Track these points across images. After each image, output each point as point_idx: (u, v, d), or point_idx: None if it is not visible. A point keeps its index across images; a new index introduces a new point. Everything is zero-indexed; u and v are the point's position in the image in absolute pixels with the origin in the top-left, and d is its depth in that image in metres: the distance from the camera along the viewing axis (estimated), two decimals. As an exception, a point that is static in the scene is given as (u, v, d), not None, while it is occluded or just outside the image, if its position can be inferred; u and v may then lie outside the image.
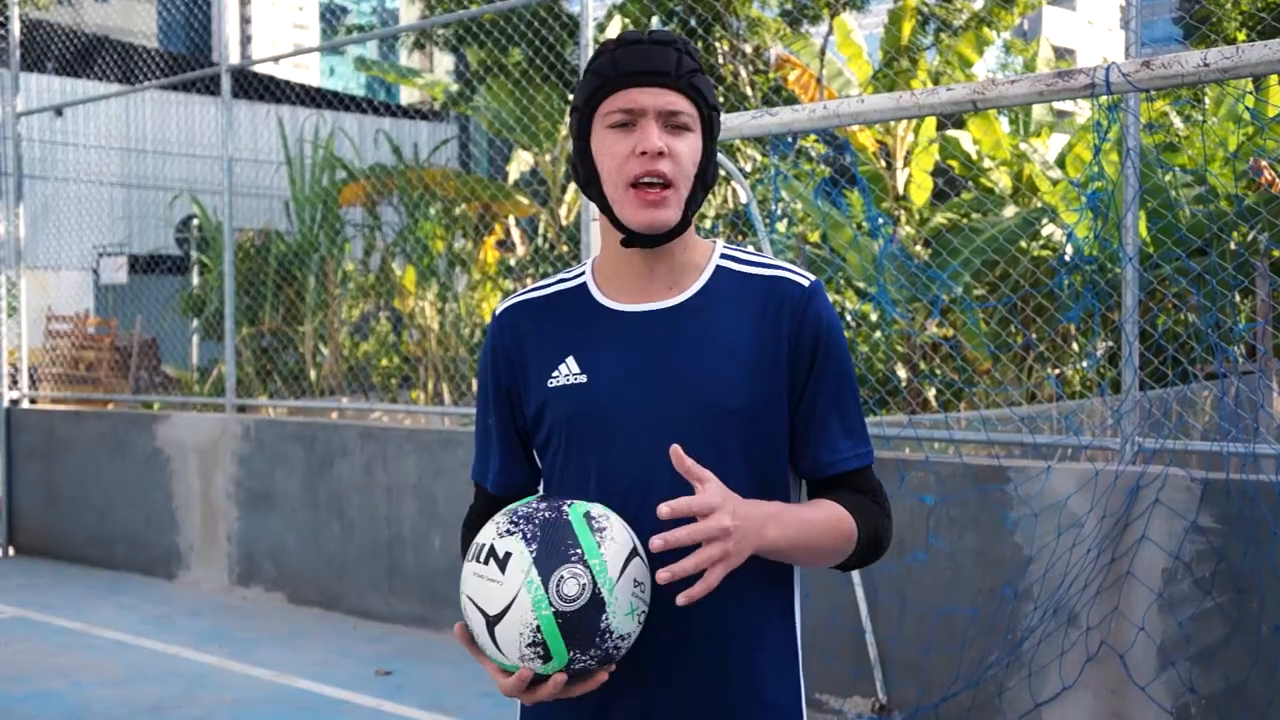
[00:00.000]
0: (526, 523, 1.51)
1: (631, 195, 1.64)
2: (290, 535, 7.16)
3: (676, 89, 1.65)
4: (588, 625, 1.48)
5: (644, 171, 1.63)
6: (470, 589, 1.53)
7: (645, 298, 1.72)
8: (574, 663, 1.49)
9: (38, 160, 12.21)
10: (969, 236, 8.00)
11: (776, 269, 1.74)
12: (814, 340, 1.70)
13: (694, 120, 1.67)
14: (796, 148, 10.22)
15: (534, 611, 1.47)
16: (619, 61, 1.65)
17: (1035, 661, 4.35)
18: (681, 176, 1.65)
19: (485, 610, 1.51)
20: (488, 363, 1.81)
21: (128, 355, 11.35)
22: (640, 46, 1.66)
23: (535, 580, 1.47)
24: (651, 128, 1.64)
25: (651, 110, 1.64)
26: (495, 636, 1.50)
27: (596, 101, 1.67)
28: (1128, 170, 4.30)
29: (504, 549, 1.50)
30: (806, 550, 1.64)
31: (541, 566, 1.47)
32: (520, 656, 1.49)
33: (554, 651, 1.48)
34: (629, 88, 1.64)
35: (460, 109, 13.33)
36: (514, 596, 1.47)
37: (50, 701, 5.32)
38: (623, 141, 1.65)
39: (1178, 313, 6.58)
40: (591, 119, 1.69)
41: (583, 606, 1.47)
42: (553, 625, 1.47)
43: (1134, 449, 4.31)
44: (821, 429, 1.72)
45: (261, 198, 12.22)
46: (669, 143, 1.64)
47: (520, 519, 1.52)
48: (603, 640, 1.49)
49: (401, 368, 10.80)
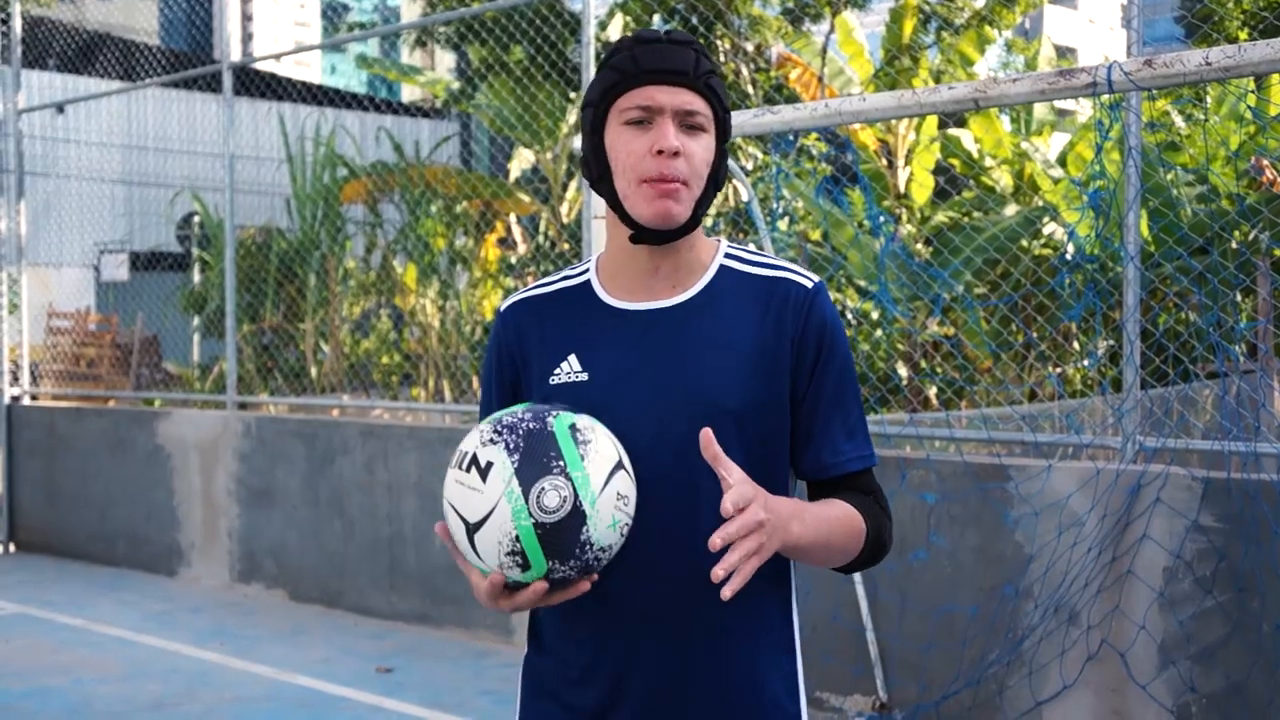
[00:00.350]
0: (510, 433, 1.51)
1: (644, 189, 1.64)
2: (291, 532, 7.16)
3: (694, 89, 1.65)
4: (568, 537, 1.47)
5: (659, 172, 1.63)
6: (451, 495, 1.53)
7: (648, 296, 1.72)
8: (553, 572, 1.49)
9: (39, 157, 12.22)
10: (970, 235, 8.00)
11: (780, 269, 1.74)
12: (817, 341, 1.71)
13: (709, 121, 1.67)
14: (798, 146, 10.22)
15: (513, 521, 1.47)
16: (639, 59, 1.65)
17: (1036, 660, 4.36)
18: (694, 176, 1.66)
19: (466, 518, 1.50)
20: (492, 360, 1.81)
21: (129, 352, 11.35)
22: (659, 45, 1.66)
23: (515, 491, 1.47)
24: (668, 126, 1.64)
25: (669, 109, 1.64)
26: (475, 543, 1.50)
27: (613, 97, 1.67)
28: (1129, 169, 4.29)
29: (486, 458, 1.50)
30: (823, 548, 1.64)
31: (522, 477, 1.47)
32: (499, 564, 1.49)
33: (533, 561, 1.48)
34: (647, 85, 1.65)
35: (462, 107, 13.33)
36: (494, 506, 1.47)
37: (51, 698, 5.33)
38: (639, 139, 1.65)
39: (1179, 311, 6.58)
40: (607, 114, 1.69)
41: (563, 518, 1.47)
42: (532, 536, 1.46)
43: (1135, 448, 4.31)
44: (824, 430, 1.72)
45: (263, 195, 12.22)
46: (684, 142, 1.64)
47: (504, 428, 1.52)
48: (583, 551, 1.49)
49: (402, 365, 10.80)
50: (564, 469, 1.48)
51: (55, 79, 15.25)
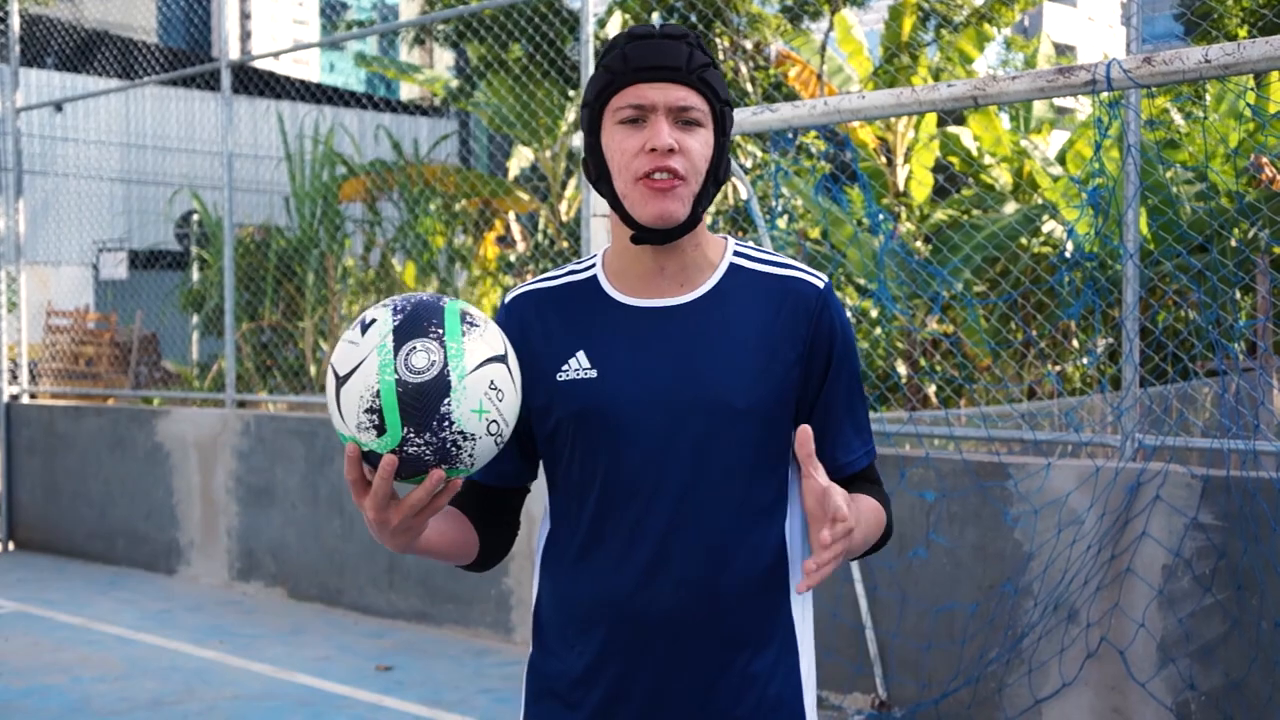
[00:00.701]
0: (405, 301, 1.49)
1: (641, 188, 1.63)
2: (290, 531, 7.16)
3: (687, 84, 1.63)
4: (427, 403, 1.42)
5: (654, 168, 1.61)
6: (333, 355, 1.49)
7: (657, 293, 1.71)
8: (406, 444, 1.43)
9: (38, 155, 12.21)
10: (969, 233, 8.00)
11: (789, 268, 1.73)
12: (829, 343, 1.71)
13: (705, 116, 1.65)
14: (797, 144, 10.21)
15: (378, 375, 1.42)
16: (629, 57, 1.64)
17: (1035, 658, 4.36)
18: (692, 172, 1.64)
19: (338, 371, 1.46)
20: None
21: (128, 350, 11.35)
22: (651, 41, 1.64)
23: (388, 345, 1.44)
24: (662, 124, 1.62)
25: (662, 106, 1.62)
26: (340, 400, 1.46)
27: (607, 97, 1.66)
28: (1128, 167, 4.29)
29: (372, 315, 1.48)
30: (863, 545, 1.68)
31: (398, 335, 1.44)
32: (357, 424, 1.44)
33: (389, 423, 1.42)
34: (639, 83, 1.63)
35: (460, 105, 13.32)
36: (364, 358, 1.44)
37: (50, 696, 5.33)
38: (633, 138, 1.63)
39: (1178, 309, 6.58)
40: (602, 114, 1.67)
41: (426, 382, 1.42)
42: (392, 393, 1.42)
43: (1134, 446, 4.31)
44: (838, 430, 1.73)
45: (261, 193, 12.22)
46: (679, 139, 1.62)
47: (401, 299, 1.50)
48: (440, 427, 1.43)
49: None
50: (441, 336, 1.45)
51: (53, 77, 15.24)
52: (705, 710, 1.67)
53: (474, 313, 1.51)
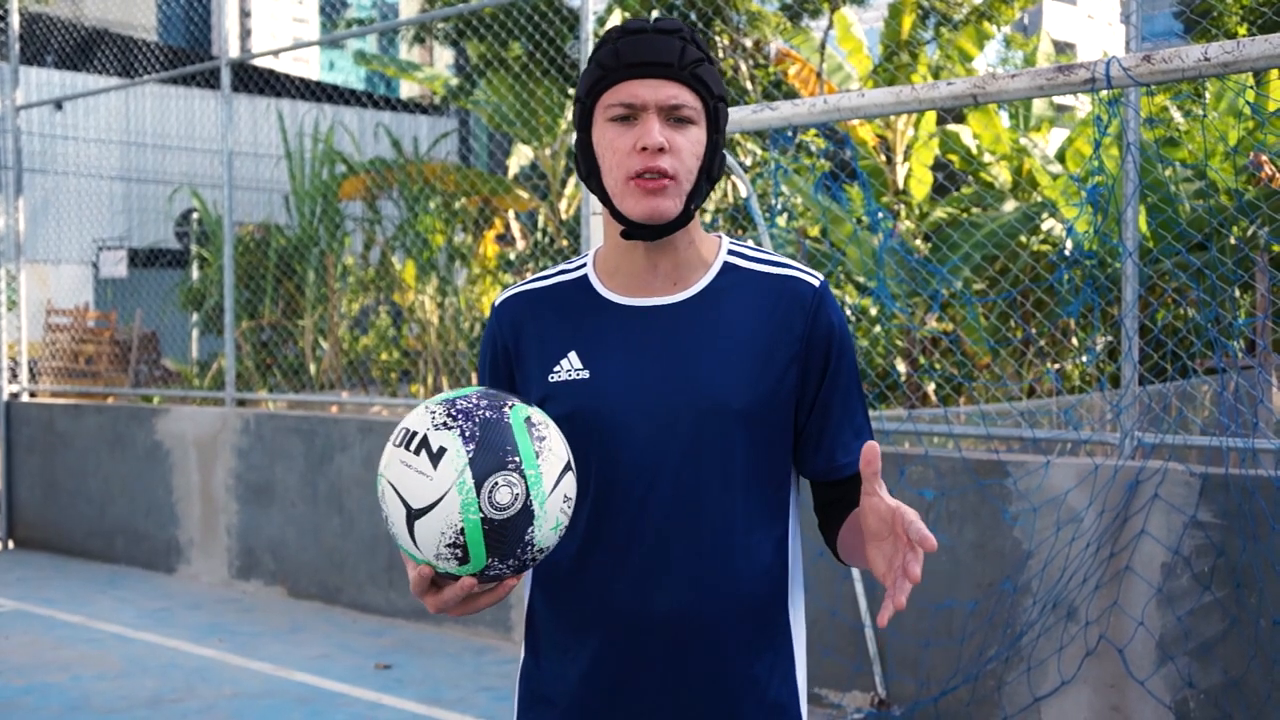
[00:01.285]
0: (466, 419, 1.44)
1: (631, 186, 1.61)
2: (290, 529, 7.16)
3: (679, 80, 1.61)
4: (513, 535, 1.42)
5: (644, 168, 1.59)
6: (395, 476, 1.45)
7: (649, 292, 1.69)
8: (489, 569, 1.44)
9: (37, 154, 12.21)
10: (969, 231, 8.00)
11: (785, 267, 1.71)
12: (826, 343, 1.69)
13: (697, 113, 1.63)
14: (796, 142, 10.21)
15: (461, 514, 1.40)
16: (621, 52, 1.61)
17: (1034, 656, 4.36)
18: (683, 170, 1.62)
19: (409, 502, 1.43)
20: (486, 355, 1.77)
21: (127, 349, 11.35)
22: (643, 36, 1.62)
23: (469, 483, 1.40)
24: (652, 122, 1.60)
25: (652, 104, 1.60)
26: (414, 531, 1.43)
27: (598, 93, 1.64)
28: (1128, 165, 4.29)
29: (439, 443, 1.43)
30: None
31: (477, 469, 1.41)
32: (436, 554, 1.43)
33: (473, 556, 1.43)
34: (630, 80, 1.60)
35: (460, 103, 13.31)
36: (442, 495, 1.41)
37: (50, 694, 5.33)
38: (624, 136, 1.61)
39: (1177, 308, 6.58)
40: (594, 110, 1.65)
41: (512, 516, 1.42)
42: (478, 531, 1.41)
43: (1133, 444, 4.31)
44: (836, 432, 1.71)
45: (261, 192, 12.22)
46: (670, 136, 1.60)
47: (459, 414, 1.45)
48: (524, 551, 1.45)
49: (401, 362, 10.80)
50: (519, 465, 1.43)
51: (53, 75, 15.23)
52: (704, 715, 1.65)
53: (535, 418, 1.49)
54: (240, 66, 10.82)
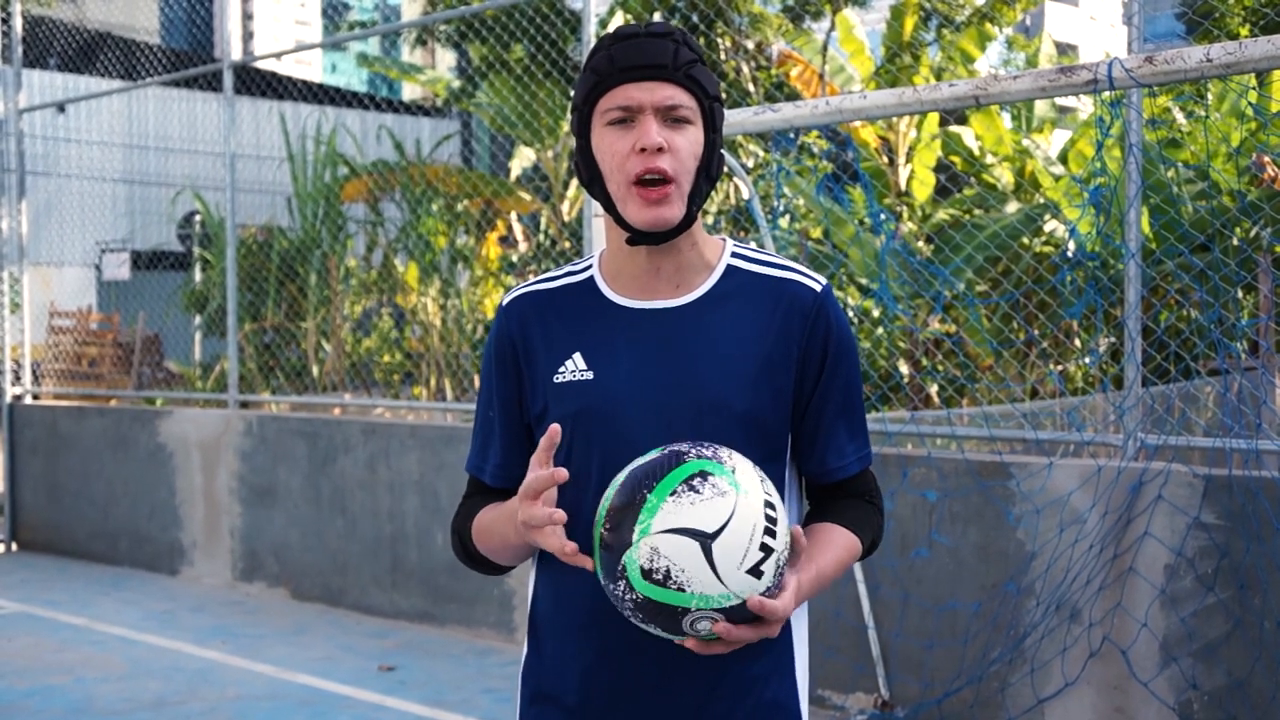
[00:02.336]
0: (702, 446, 1.49)
1: (634, 193, 1.62)
2: (293, 531, 7.17)
3: (674, 82, 1.62)
4: (666, 624, 1.48)
5: (644, 169, 1.61)
6: (677, 521, 1.42)
7: (653, 295, 1.70)
8: (615, 588, 1.48)
9: (40, 157, 12.23)
10: (971, 232, 8.00)
11: (787, 270, 1.73)
12: (824, 346, 1.70)
13: (694, 113, 1.64)
14: (799, 144, 10.21)
15: (699, 598, 1.41)
16: (615, 57, 1.63)
17: (1038, 657, 4.36)
18: (683, 171, 1.63)
19: (703, 530, 1.41)
20: (492, 354, 1.78)
21: (130, 351, 11.36)
22: (636, 40, 1.63)
23: (727, 604, 1.43)
24: (650, 124, 1.61)
25: (649, 106, 1.61)
26: (714, 559, 1.41)
27: (594, 99, 1.65)
28: (1130, 166, 4.29)
29: (765, 569, 1.43)
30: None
31: (737, 611, 1.44)
32: (740, 563, 1.42)
33: (646, 589, 1.43)
34: (625, 84, 1.62)
35: (462, 105, 13.33)
36: (719, 585, 1.41)
37: (54, 697, 5.33)
38: (622, 139, 1.62)
39: (1180, 309, 6.58)
40: (591, 117, 1.66)
41: (682, 628, 1.47)
42: (678, 606, 1.43)
43: (1137, 445, 4.31)
44: (830, 434, 1.72)
45: (264, 194, 12.23)
46: (668, 137, 1.61)
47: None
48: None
49: (404, 364, 10.81)
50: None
51: (56, 78, 15.26)
52: (703, 713, 1.66)
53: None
54: (243, 69, 10.82)
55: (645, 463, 1.48)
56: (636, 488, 1.45)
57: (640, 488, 1.45)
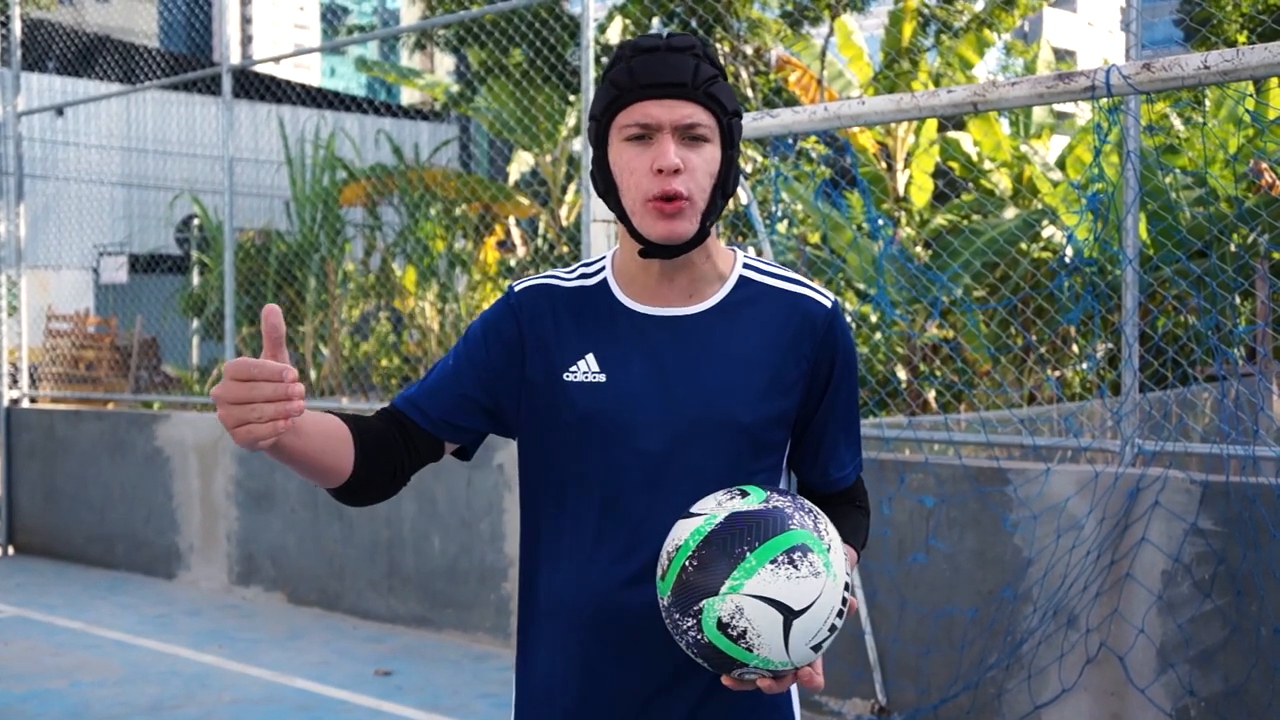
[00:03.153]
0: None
1: (649, 208, 1.62)
2: (290, 535, 7.16)
3: (693, 100, 1.61)
4: (715, 662, 1.51)
5: (660, 191, 1.60)
6: (770, 590, 1.45)
7: (666, 302, 1.70)
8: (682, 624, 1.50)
9: (39, 160, 12.22)
10: (969, 238, 8.01)
11: (799, 285, 1.74)
12: (831, 364, 1.72)
13: (712, 131, 1.63)
14: (797, 149, 10.22)
15: (756, 659, 1.46)
16: (635, 71, 1.62)
17: (1035, 663, 4.36)
18: (698, 190, 1.62)
19: (790, 606, 1.45)
20: (488, 326, 1.74)
21: (128, 355, 11.35)
22: (657, 54, 1.62)
23: (774, 669, 1.48)
24: (667, 143, 1.60)
25: (667, 124, 1.61)
26: (791, 634, 1.45)
27: (613, 112, 1.64)
28: (1128, 172, 4.30)
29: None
30: None
31: (779, 674, 1.49)
32: (810, 640, 1.46)
33: (723, 644, 1.46)
34: (644, 100, 1.61)
35: (461, 110, 13.34)
36: (778, 657, 1.46)
37: (50, 701, 5.32)
38: (639, 156, 1.62)
39: (1178, 315, 6.58)
40: (609, 129, 1.66)
41: (726, 667, 1.51)
42: (732, 658, 1.47)
43: (1134, 451, 4.31)
44: (833, 447, 1.76)
45: (262, 197, 12.23)
46: (685, 156, 1.61)
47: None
48: None
49: (402, 368, 10.80)
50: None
51: (55, 81, 15.26)
52: (698, 715, 1.67)
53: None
54: (241, 73, 10.83)
55: (747, 511, 1.49)
56: (736, 540, 1.46)
57: (740, 542, 1.46)
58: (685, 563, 1.47)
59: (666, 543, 1.52)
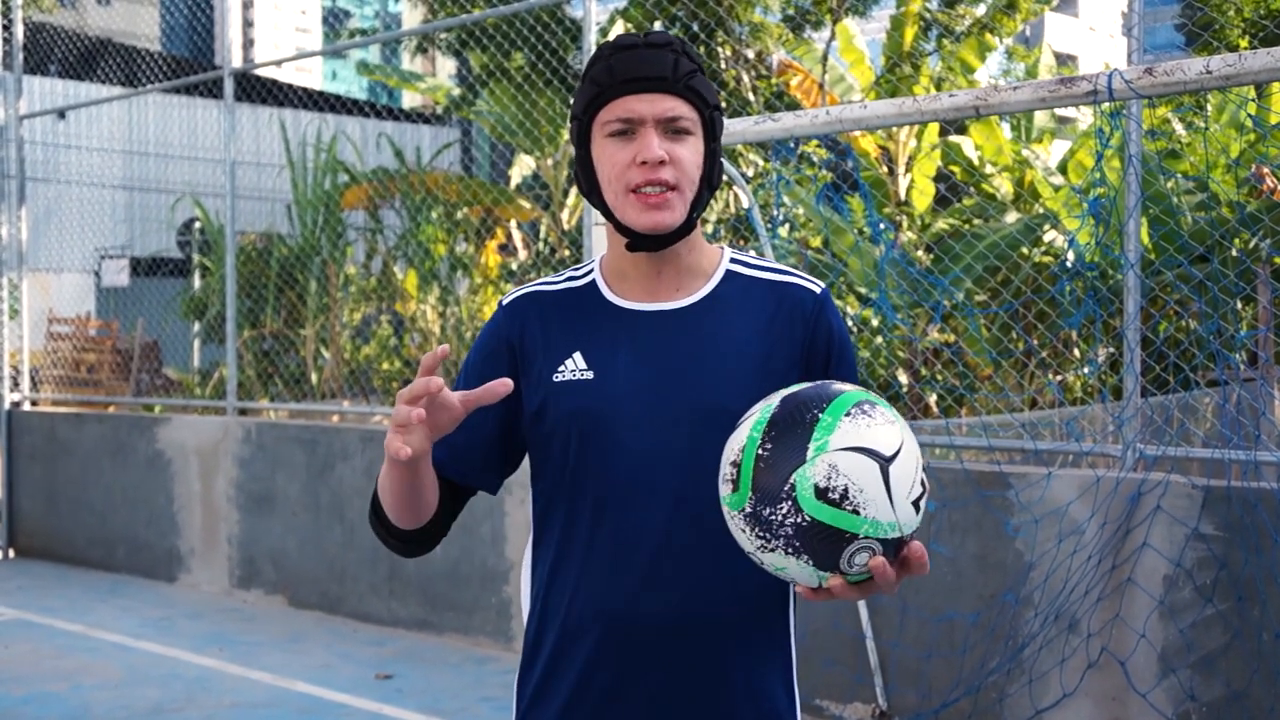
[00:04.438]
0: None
1: (632, 199, 1.63)
2: (291, 538, 7.16)
3: (675, 94, 1.63)
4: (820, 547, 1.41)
5: (645, 180, 1.61)
6: (858, 439, 1.38)
7: (654, 297, 1.71)
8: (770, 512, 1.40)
9: (40, 163, 12.23)
10: (971, 242, 8.00)
11: (785, 274, 1.74)
12: (826, 349, 1.71)
13: (694, 124, 1.65)
14: (799, 153, 10.22)
15: (863, 521, 1.37)
16: (615, 68, 1.63)
17: (1036, 668, 4.35)
18: (685, 181, 1.64)
19: (882, 452, 1.38)
20: (485, 348, 1.76)
21: (129, 358, 11.35)
22: (636, 51, 1.64)
23: (889, 534, 1.39)
24: (651, 136, 1.62)
25: (650, 118, 1.62)
26: (890, 481, 1.38)
27: (594, 110, 1.65)
28: (1130, 177, 4.30)
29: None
30: None
31: (891, 545, 1.41)
32: (909, 493, 1.39)
33: (817, 510, 1.37)
34: (625, 95, 1.62)
35: (462, 113, 13.34)
36: (887, 510, 1.37)
37: (51, 704, 5.32)
38: (623, 150, 1.63)
39: (1179, 319, 6.58)
40: (590, 127, 1.67)
41: (837, 560, 1.42)
42: (840, 528, 1.38)
43: (1135, 455, 4.31)
44: None
45: (264, 201, 12.23)
46: (669, 149, 1.62)
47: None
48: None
49: (403, 371, 10.80)
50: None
51: (57, 85, 15.26)
52: (702, 718, 1.66)
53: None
54: (243, 76, 10.83)
55: (798, 390, 1.44)
56: (801, 411, 1.40)
57: (805, 410, 1.40)
58: (758, 452, 1.40)
59: (726, 454, 1.44)
